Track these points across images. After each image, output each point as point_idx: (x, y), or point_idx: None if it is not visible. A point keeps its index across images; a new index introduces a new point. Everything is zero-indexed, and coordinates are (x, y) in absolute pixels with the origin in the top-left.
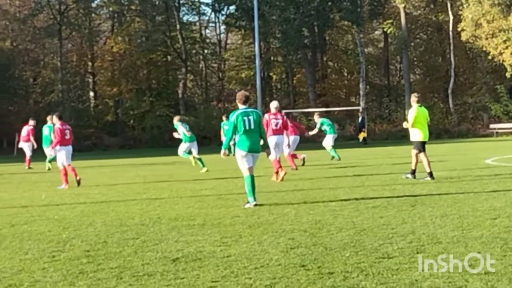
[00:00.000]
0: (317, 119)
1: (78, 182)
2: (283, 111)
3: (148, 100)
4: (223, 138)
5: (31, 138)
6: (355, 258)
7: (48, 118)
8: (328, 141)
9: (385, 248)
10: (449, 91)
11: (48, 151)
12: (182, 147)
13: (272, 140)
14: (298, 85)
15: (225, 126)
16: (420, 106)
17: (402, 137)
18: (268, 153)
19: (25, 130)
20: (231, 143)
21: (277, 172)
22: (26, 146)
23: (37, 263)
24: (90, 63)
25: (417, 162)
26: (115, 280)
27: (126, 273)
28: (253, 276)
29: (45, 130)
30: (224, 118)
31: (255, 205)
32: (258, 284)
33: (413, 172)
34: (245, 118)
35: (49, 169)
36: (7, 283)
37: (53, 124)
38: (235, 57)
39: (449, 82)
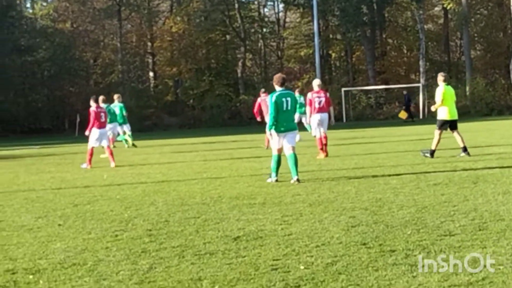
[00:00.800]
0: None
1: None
2: (343, 89)
3: (207, 79)
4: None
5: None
6: (416, 235)
7: (115, 96)
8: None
9: (446, 225)
10: (511, 67)
11: (120, 129)
12: None
13: (315, 118)
14: (357, 62)
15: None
16: (447, 84)
17: (463, 114)
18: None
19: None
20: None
21: (321, 149)
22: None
23: (100, 242)
24: (149, 44)
25: (439, 141)
26: (177, 258)
27: (188, 251)
28: (314, 254)
29: (116, 109)
30: (297, 92)
31: (276, 180)
32: (320, 262)
33: (433, 152)
34: (283, 99)
35: (133, 145)
36: (71, 262)
37: (122, 103)
38: (294, 36)
39: (511, 58)
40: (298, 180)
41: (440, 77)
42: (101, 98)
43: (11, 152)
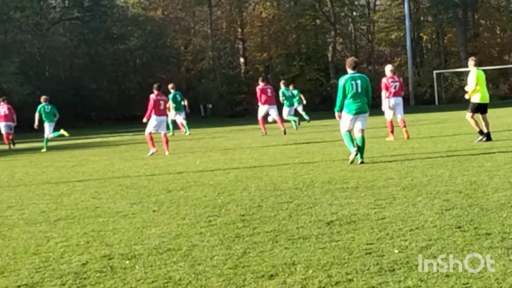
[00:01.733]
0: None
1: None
2: (434, 72)
3: (297, 64)
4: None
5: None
6: None
7: (170, 86)
8: (284, 113)
9: None
10: None
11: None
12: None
13: (390, 101)
14: (449, 44)
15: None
16: (478, 68)
17: None
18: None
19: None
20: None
21: (392, 132)
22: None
23: (194, 228)
24: (239, 29)
25: (476, 122)
26: (270, 243)
27: (281, 236)
28: (408, 238)
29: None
30: (282, 85)
31: (356, 152)
32: (414, 245)
33: (481, 133)
34: (353, 82)
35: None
36: (166, 248)
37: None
38: (384, 19)
39: None
40: (362, 162)
41: (471, 62)
42: (170, 85)
43: (105, 139)
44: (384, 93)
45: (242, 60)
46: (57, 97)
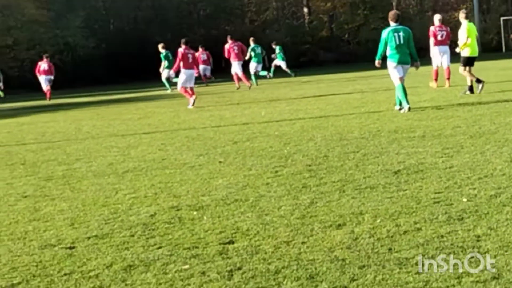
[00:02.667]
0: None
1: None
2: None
3: (362, 13)
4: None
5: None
6: None
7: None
8: (251, 67)
9: None
10: None
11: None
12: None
13: (436, 49)
14: None
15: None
16: (469, 21)
17: None
18: (417, 66)
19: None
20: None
21: (435, 79)
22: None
23: (260, 179)
24: None
25: (472, 75)
26: (337, 193)
27: (348, 186)
28: (477, 186)
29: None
30: (251, 42)
31: (409, 108)
32: (483, 194)
33: (471, 88)
34: (395, 34)
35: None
36: (233, 198)
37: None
38: None
39: None
40: (409, 109)
41: (462, 15)
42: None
43: (170, 92)
44: (431, 41)
45: (305, 10)
46: (122, 50)
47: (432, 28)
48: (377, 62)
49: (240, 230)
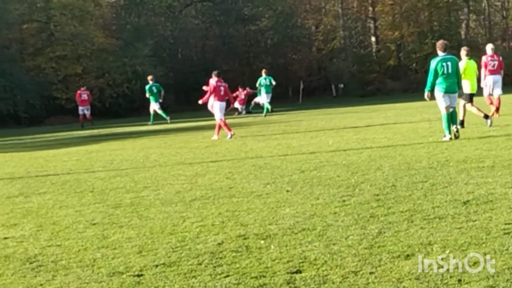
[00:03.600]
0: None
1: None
2: None
3: (430, 42)
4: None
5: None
6: None
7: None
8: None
9: None
10: None
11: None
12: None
13: (489, 79)
14: None
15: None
16: (470, 59)
17: None
18: (461, 94)
19: None
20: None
21: (492, 104)
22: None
23: (328, 208)
24: (370, 8)
25: (479, 109)
26: (406, 223)
27: (416, 216)
28: None
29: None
30: (263, 73)
31: (450, 139)
32: None
33: (462, 123)
34: (444, 63)
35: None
36: (301, 227)
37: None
38: None
39: None
40: (450, 138)
41: (463, 52)
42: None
43: (237, 121)
44: (483, 71)
45: (373, 39)
46: (190, 79)
47: (484, 58)
48: (426, 95)
49: (307, 259)
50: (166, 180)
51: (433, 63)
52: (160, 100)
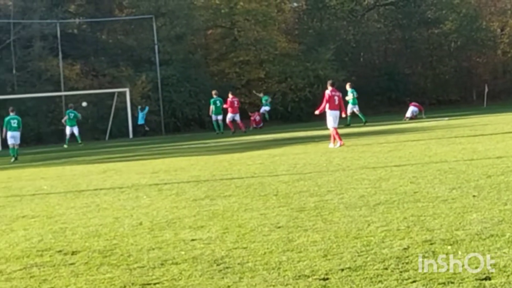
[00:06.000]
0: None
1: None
2: None
3: None
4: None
5: None
6: None
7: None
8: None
9: None
10: None
11: None
12: None
13: None
14: None
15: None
16: None
17: None
18: None
19: None
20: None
21: None
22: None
23: None
24: None
25: None
26: None
27: None
28: None
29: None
30: (348, 87)
31: None
32: None
33: None
34: None
35: None
36: (489, 233)
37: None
38: None
39: None
40: None
41: None
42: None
43: (422, 124)
44: None
45: None
46: (371, 83)
47: None
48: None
49: (497, 266)
50: (349, 184)
51: None
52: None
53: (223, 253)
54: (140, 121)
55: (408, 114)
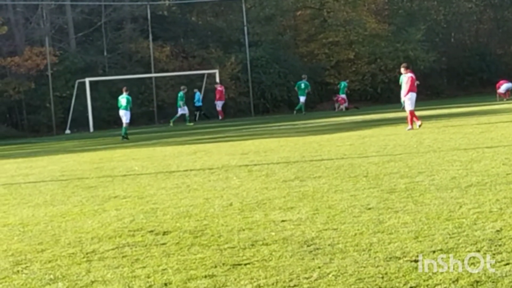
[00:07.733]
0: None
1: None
2: None
3: None
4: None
5: None
6: None
7: None
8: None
9: None
10: None
11: None
12: None
13: None
14: None
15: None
16: None
17: None
18: None
19: None
20: None
21: None
22: None
23: None
24: None
25: None
26: None
27: None
28: None
29: None
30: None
31: None
32: None
33: None
34: None
35: None
36: None
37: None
38: None
39: None
40: None
41: None
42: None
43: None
44: None
45: None
46: (462, 63)
47: None
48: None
49: None
50: (440, 165)
51: None
52: None
53: (314, 234)
54: (198, 103)
55: (502, 90)
